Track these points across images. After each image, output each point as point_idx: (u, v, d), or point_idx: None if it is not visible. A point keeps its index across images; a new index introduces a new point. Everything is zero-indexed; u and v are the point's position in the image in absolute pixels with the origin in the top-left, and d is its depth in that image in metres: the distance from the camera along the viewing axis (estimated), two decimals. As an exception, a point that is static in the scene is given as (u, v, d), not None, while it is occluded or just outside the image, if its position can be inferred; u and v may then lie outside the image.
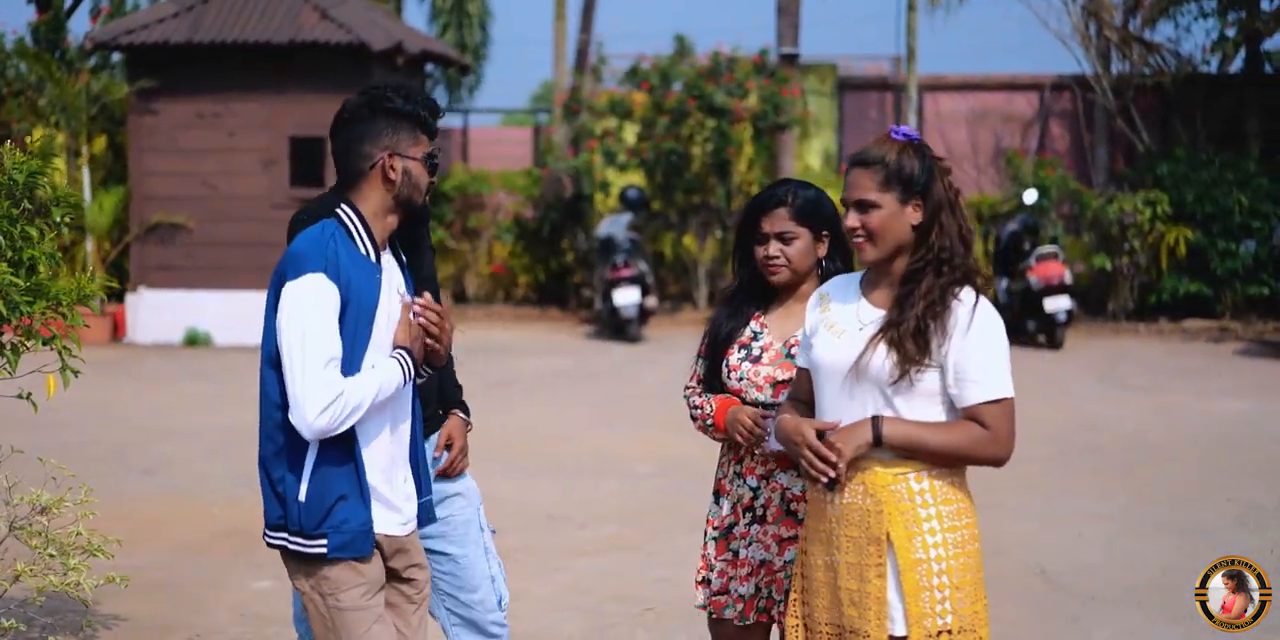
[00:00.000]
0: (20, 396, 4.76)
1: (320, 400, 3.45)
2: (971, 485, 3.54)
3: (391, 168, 3.61)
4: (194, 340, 15.27)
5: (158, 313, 15.38)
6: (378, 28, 14.75)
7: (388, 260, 3.69)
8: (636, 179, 17.45)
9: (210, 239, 15.29)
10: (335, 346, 3.50)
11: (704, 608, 4.17)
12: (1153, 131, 17.45)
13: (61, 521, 4.92)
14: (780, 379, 4.03)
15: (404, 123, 3.63)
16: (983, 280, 3.49)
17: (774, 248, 4.10)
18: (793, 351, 4.05)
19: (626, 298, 15.42)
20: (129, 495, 8.47)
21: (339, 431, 3.51)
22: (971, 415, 3.39)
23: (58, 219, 4.87)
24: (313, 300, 3.49)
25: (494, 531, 4.49)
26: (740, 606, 4.06)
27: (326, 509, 3.55)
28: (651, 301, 15.91)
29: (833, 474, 3.40)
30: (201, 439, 10.24)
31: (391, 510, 3.69)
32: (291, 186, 15.04)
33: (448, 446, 4.27)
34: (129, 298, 15.55)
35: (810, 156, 18.45)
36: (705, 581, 4.17)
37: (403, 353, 3.65)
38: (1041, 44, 23.01)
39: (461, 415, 4.33)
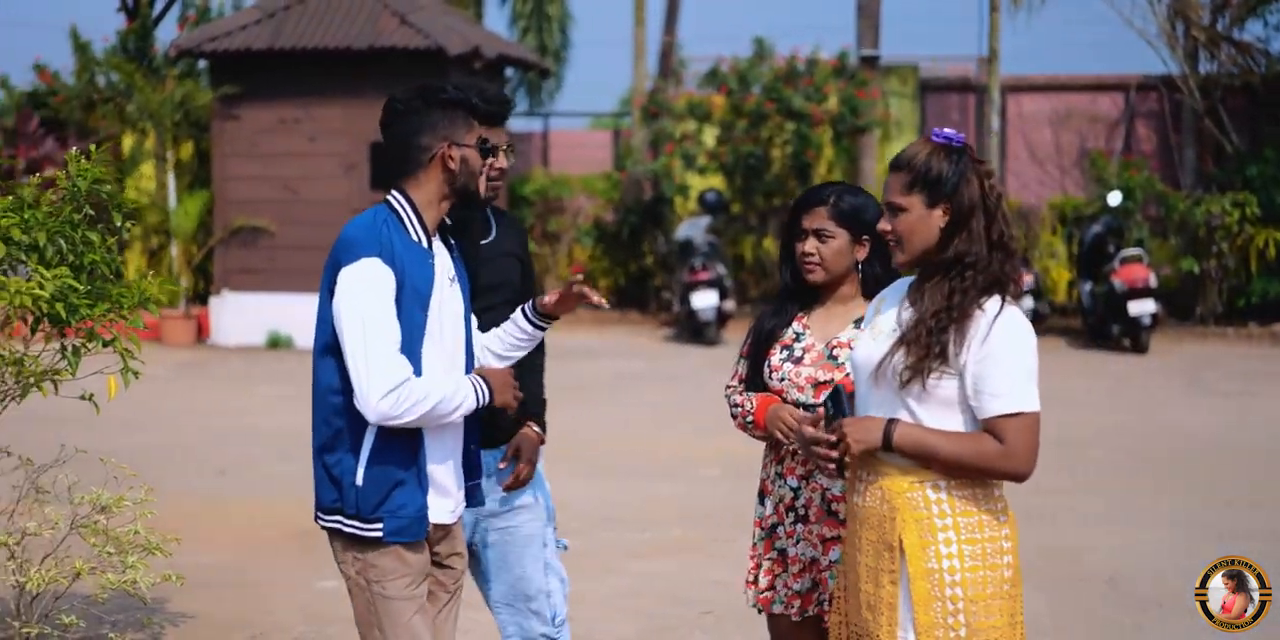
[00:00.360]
0: (83, 398, 4.84)
1: (384, 383, 3.48)
2: (1045, 488, 3.48)
3: (450, 157, 3.66)
4: (276, 342, 15.47)
5: (240, 315, 15.59)
6: (454, 33, 14.87)
7: (438, 246, 3.75)
8: (716, 182, 17.45)
9: (292, 242, 15.46)
10: (396, 330, 3.53)
11: (755, 606, 4.19)
12: (1241, 132, 17.16)
13: (121, 520, 5.01)
14: (821, 380, 4.04)
15: (457, 111, 3.68)
16: (1016, 288, 3.39)
17: (810, 244, 4.12)
18: (835, 353, 4.07)
19: (704, 301, 15.43)
20: (201, 495, 8.61)
21: (402, 422, 3.52)
22: (989, 428, 3.32)
23: (119, 224, 4.96)
24: (370, 283, 3.52)
25: (565, 547, 4.52)
26: (798, 603, 4.09)
27: (385, 493, 3.59)
28: (730, 305, 15.90)
29: (835, 454, 3.38)
30: (276, 440, 10.36)
31: (444, 497, 3.74)
32: (372, 190, 15.18)
33: (514, 458, 4.28)
34: (212, 300, 15.78)
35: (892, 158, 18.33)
36: (754, 581, 4.20)
37: (480, 380, 3.68)
38: (1127, 44, 22.71)
39: (535, 429, 4.33)
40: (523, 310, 4.04)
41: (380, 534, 3.61)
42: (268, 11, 15.29)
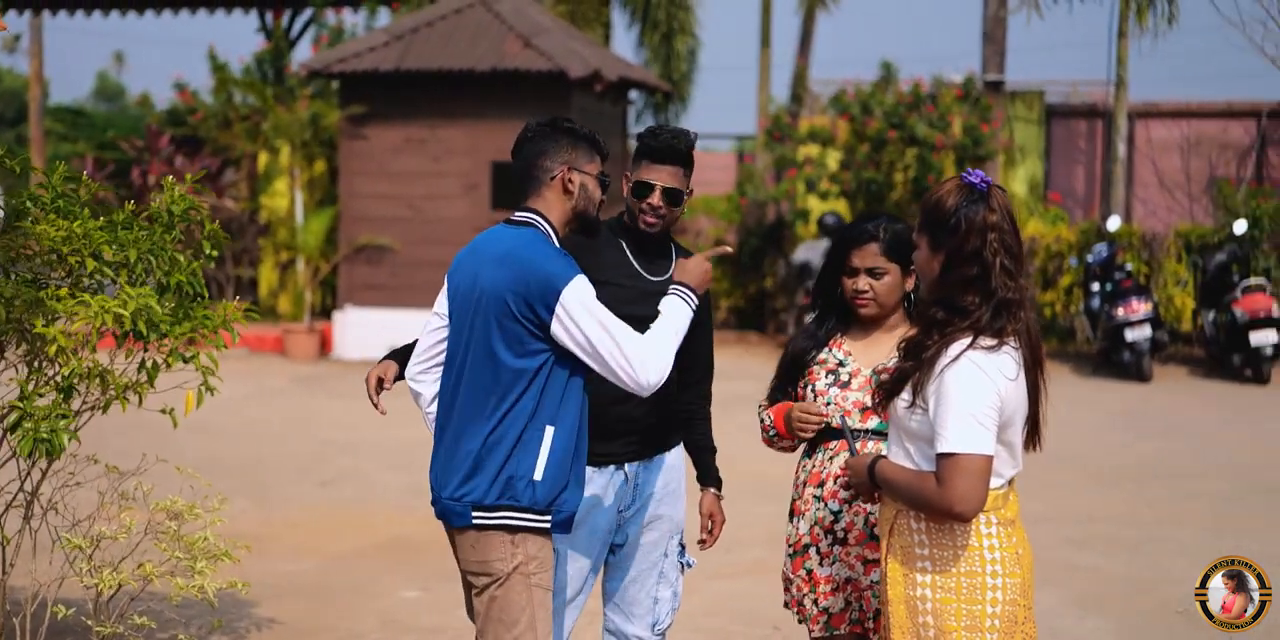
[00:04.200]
0: (162, 412, 5.09)
1: (653, 367, 3.77)
2: (1138, 519, 3.51)
3: (570, 180, 3.94)
4: (396, 357, 15.79)
5: (363, 330, 15.96)
6: (577, 56, 15.11)
7: None
8: (838, 207, 17.49)
9: (414, 260, 15.82)
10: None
11: (800, 621, 4.31)
12: (1377, 161, 16.80)
13: (195, 527, 5.24)
14: (869, 405, 4.12)
15: (581, 142, 3.98)
16: (1001, 338, 3.37)
17: (863, 282, 4.20)
18: (883, 378, 4.14)
19: (819, 324, 15.46)
20: (301, 503, 8.89)
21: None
22: (935, 467, 3.38)
23: (206, 251, 5.21)
24: (592, 294, 3.82)
25: (691, 565, 4.71)
26: (824, 620, 4.23)
27: (558, 489, 3.85)
28: (845, 328, 15.91)
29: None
30: (382, 452, 10.64)
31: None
32: (493, 210, 15.50)
33: (711, 520, 4.71)
34: (336, 315, 16.17)
35: (1016, 184, 18.23)
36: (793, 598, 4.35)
37: (684, 289, 3.96)
38: (1261, 70, 22.29)
39: (714, 492, 4.72)
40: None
41: (548, 525, 3.86)
42: (396, 34, 15.68)
